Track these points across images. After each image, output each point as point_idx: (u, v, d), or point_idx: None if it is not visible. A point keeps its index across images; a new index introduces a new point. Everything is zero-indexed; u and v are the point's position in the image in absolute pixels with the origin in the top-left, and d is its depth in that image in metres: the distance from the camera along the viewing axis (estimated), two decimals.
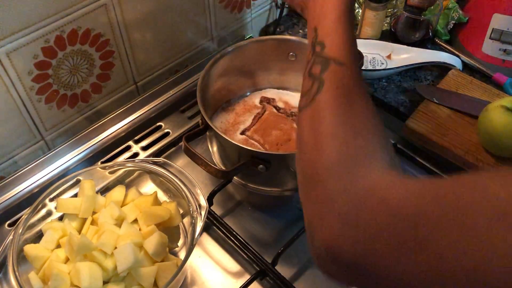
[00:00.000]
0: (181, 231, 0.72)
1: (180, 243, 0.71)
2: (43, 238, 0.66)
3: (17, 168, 0.78)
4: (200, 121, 0.73)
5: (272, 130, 0.82)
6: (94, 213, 0.69)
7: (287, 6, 1.08)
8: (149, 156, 0.84)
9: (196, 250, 0.74)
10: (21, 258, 0.65)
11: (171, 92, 0.90)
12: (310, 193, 0.41)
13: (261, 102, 0.87)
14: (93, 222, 0.68)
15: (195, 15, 0.89)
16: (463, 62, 0.97)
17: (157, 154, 0.83)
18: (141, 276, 0.62)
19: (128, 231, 0.64)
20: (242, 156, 0.70)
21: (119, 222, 0.67)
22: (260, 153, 0.68)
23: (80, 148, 0.82)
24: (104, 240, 0.62)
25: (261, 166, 0.67)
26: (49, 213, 0.71)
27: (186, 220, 0.71)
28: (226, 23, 0.97)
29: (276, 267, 0.70)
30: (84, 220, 0.69)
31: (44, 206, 0.70)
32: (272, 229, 0.77)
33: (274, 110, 0.86)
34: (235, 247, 0.73)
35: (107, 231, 0.63)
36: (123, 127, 0.86)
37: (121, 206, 0.70)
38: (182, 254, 0.71)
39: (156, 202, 0.70)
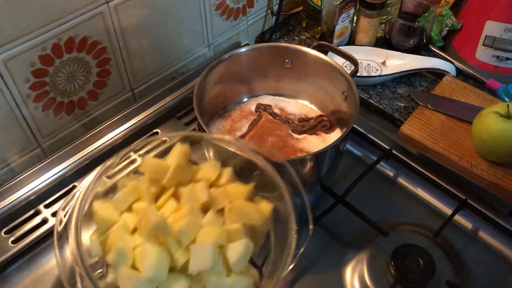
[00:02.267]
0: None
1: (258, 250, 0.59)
2: (115, 197, 0.57)
3: (14, 175, 0.78)
4: (197, 127, 0.73)
5: (268, 137, 0.82)
6: (178, 184, 0.58)
7: (283, 12, 1.09)
8: None
9: None
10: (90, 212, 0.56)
11: (167, 99, 0.91)
12: None
13: (257, 108, 0.88)
14: (175, 195, 0.57)
15: (191, 22, 0.89)
16: (457, 68, 0.98)
17: None
18: (213, 284, 0.52)
19: (212, 226, 0.53)
20: (238, 162, 0.70)
21: (204, 207, 0.56)
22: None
23: (77, 155, 0.82)
24: (184, 228, 0.52)
25: (257, 172, 0.68)
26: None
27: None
28: (222, 30, 0.97)
29: None
30: (164, 189, 0.58)
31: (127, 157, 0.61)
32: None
33: (270, 116, 0.86)
34: None
35: (189, 218, 0.52)
36: (119, 134, 0.86)
37: (211, 186, 0.59)
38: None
39: (251, 196, 0.58)
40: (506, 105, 0.76)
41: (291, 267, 0.52)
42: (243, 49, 0.82)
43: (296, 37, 1.08)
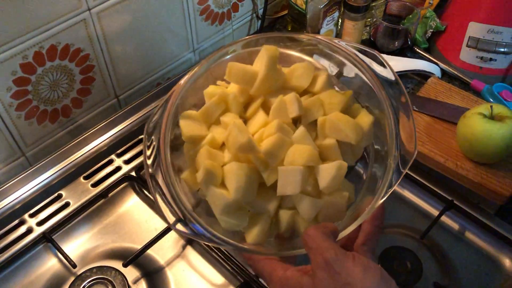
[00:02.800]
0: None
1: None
2: (202, 110, 0.53)
3: None
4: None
5: None
6: (267, 93, 0.52)
7: (268, 16, 1.09)
8: (131, 169, 0.84)
9: (180, 263, 0.73)
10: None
11: (153, 104, 0.90)
12: None
13: None
14: (264, 105, 0.52)
15: (176, 27, 0.89)
16: (442, 69, 0.99)
17: (140, 167, 0.83)
18: (302, 205, 0.48)
19: (303, 143, 0.48)
20: None
21: (294, 119, 0.50)
22: None
23: (62, 163, 0.81)
24: (271, 149, 0.47)
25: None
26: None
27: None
28: (207, 35, 0.97)
29: (260, 279, 0.70)
30: (252, 99, 0.53)
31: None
32: None
33: None
34: (219, 259, 0.73)
35: (277, 137, 0.47)
36: (105, 141, 0.86)
37: (304, 94, 0.52)
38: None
39: (348, 106, 0.52)
40: (489, 106, 0.77)
41: (389, 192, 0.47)
42: (227, 56, 0.81)
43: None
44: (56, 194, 0.79)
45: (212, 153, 0.50)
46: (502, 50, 0.93)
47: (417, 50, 1.03)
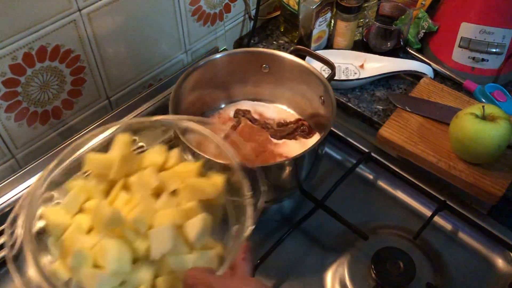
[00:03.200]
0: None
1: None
2: (65, 200, 0.55)
3: None
4: (173, 135, 0.72)
5: (247, 142, 0.82)
6: (127, 175, 0.57)
7: (260, 17, 1.09)
8: None
9: None
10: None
11: (144, 106, 0.90)
12: None
13: (235, 114, 0.87)
14: (125, 186, 0.56)
15: (168, 28, 0.89)
16: (434, 70, 0.99)
17: None
18: (178, 264, 0.51)
19: (167, 207, 0.53)
20: (216, 169, 0.69)
21: (156, 192, 0.55)
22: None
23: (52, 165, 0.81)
24: (138, 216, 0.51)
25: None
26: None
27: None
28: (200, 35, 0.97)
29: None
30: (114, 183, 0.57)
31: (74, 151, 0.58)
32: (249, 241, 0.77)
33: (249, 122, 0.86)
34: None
35: (142, 205, 0.52)
36: (97, 143, 0.85)
37: (160, 171, 0.58)
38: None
39: (202, 172, 0.58)
40: (481, 106, 0.77)
41: (251, 229, 0.51)
42: (219, 55, 0.81)
43: (274, 42, 1.08)
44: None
45: (80, 239, 0.52)
46: (494, 50, 0.93)
47: (410, 50, 1.03)
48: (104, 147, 0.60)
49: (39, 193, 0.54)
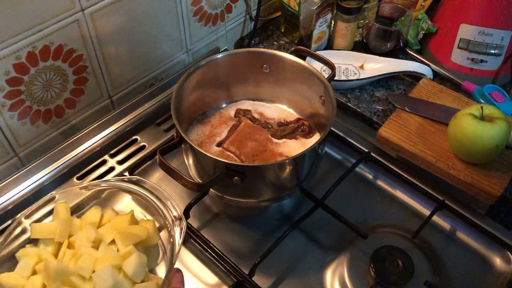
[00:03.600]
0: (160, 248, 0.71)
1: (159, 259, 0.71)
2: (18, 266, 0.64)
3: None
4: (175, 134, 0.73)
5: (248, 142, 0.83)
6: (70, 236, 0.68)
7: (261, 18, 1.10)
8: (125, 170, 0.84)
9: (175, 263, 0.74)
10: None
11: (146, 105, 0.91)
12: None
13: (236, 114, 0.88)
14: (69, 246, 0.67)
15: (169, 28, 0.89)
16: (433, 71, 1.00)
17: (133, 168, 0.83)
18: None
19: (106, 253, 0.63)
20: (217, 168, 0.70)
21: (96, 244, 0.66)
22: (234, 165, 0.68)
23: (55, 163, 0.82)
24: (81, 264, 0.61)
25: (236, 178, 0.68)
26: (23, 233, 0.69)
27: (164, 236, 0.70)
28: (201, 36, 0.98)
29: (253, 278, 0.70)
30: (60, 244, 0.67)
31: (19, 224, 0.68)
32: (249, 240, 0.77)
33: (250, 121, 0.86)
34: (212, 259, 0.73)
35: (84, 255, 0.62)
36: (98, 142, 0.86)
37: (98, 227, 0.69)
38: (161, 270, 0.70)
39: (133, 221, 0.70)
40: (480, 107, 0.77)
41: (176, 258, 0.62)
42: (220, 55, 0.82)
43: (275, 42, 1.09)
44: (49, 195, 0.79)
45: None
46: (493, 51, 0.94)
47: (409, 51, 1.04)
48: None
49: None
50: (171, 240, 0.65)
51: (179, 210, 0.68)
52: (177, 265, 0.73)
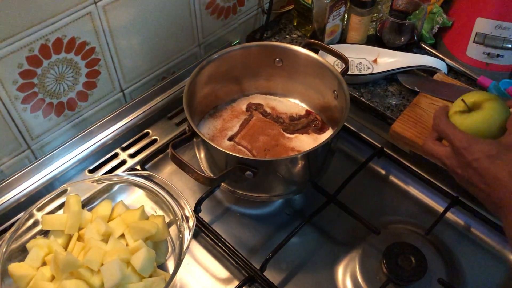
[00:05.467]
0: (169, 244, 0.72)
1: (168, 254, 0.71)
2: (28, 256, 0.65)
3: (4, 177, 0.77)
4: (187, 128, 0.73)
5: (260, 136, 0.82)
6: (80, 229, 0.69)
7: (274, 11, 1.09)
8: (136, 163, 0.84)
9: (186, 257, 0.73)
10: (7, 275, 0.64)
11: (158, 98, 0.90)
12: None
13: (248, 108, 0.88)
14: (79, 238, 0.68)
15: (182, 21, 0.89)
16: (448, 65, 0.98)
17: (145, 161, 0.83)
18: None
19: (115, 247, 0.64)
20: (229, 162, 0.70)
21: (105, 238, 0.66)
22: (246, 160, 0.68)
23: (66, 156, 0.82)
24: (90, 257, 0.61)
25: (248, 172, 0.68)
26: (35, 225, 0.70)
27: (174, 232, 0.70)
28: (213, 29, 0.97)
29: (264, 273, 0.70)
30: (70, 237, 0.68)
31: (31, 217, 0.69)
32: (261, 234, 0.77)
33: (261, 116, 0.86)
34: (224, 253, 0.73)
35: (93, 248, 0.63)
36: (110, 135, 0.86)
37: (108, 221, 0.70)
38: (170, 265, 0.71)
39: (143, 216, 0.70)
40: (461, 100, 0.68)
41: (185, 254, 0.64)
42: (233, 48, 0.81)
43: (287, 36, 1.08)
44: (61, 188, 0.79)
45: (44, 285, 0.62)
46: (510, 46, 0.92)
47: (424, 46, 1.02)
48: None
49: (3, 252, 0.64)
50: (180, 236, 0.65)
51: (189, 207, 0.69)
52: (188, 259, 0.74)
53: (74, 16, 0.72)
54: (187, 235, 0.65)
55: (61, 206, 0.72)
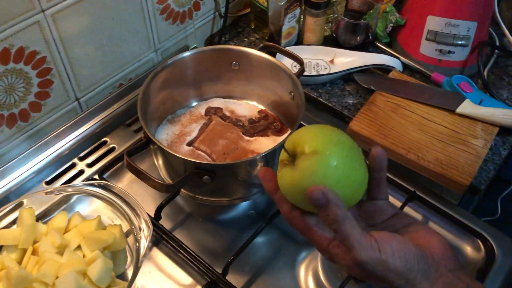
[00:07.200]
0: (128, 253, 0.71)
1: (128, 263, 0.70)
2: None
3: None
4: (143, 134, 0.72)
5: (219, 140, 0.82)
6: (35, 242, 0.67)
7: (231, 14, 1.09)
8: (94, 173, 0.82)
9: (147, 265, 0.73)
10: None
11: (115, 106, 0.89)
12: None
13: (207, 112, 0.87)
14: (34, 252, 0.66)
15: (136, 27, 0.88)
16: (403, 63, 1.00)
17: (103, 170, 0.82)
18: None
19: (71, 259, 0.63)
20: (187, 168, 0.69)
21: (61, 250, 0.65)
22: (203, 164, 0.68)
23: (21, 168, 0.80)
24: (44, 270, 0.60)
25: (205, 177, 0.67)
26: None
27: (132, 241, 0.69)
28: (169, 34, 0.96)
29: (227, 277, 0.70)
30: (24, 251, 0.67)
31: None
32: (223, 239, 0.77)
33: (220, 119, 0.86)
34: (186, 259, 0.72)
35: (48, 261, 0.61)
36: (66, 145, 0.84)
37: (64, 233, 0.68)
38: (130, 275, 0.69)
39: (100, 226, 0.69)
40: (283, 149, 0.49)
41: (142, 263, 0.64)
42: (186, 54, 0.81)
43: (245, 39, 1.08)
44: (17, 201, 0.77)
45: None
46: (460, 42, 0.95)
47: (379, 44, 1.04)
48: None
49: None
50: (137, 244, 0.65)
51: (146, 215, 0.68)
52: (150, 267, 0.73)
53: (21, 25, 0.70)
54: (145, 243, 0.65)
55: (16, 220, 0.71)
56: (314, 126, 0.49)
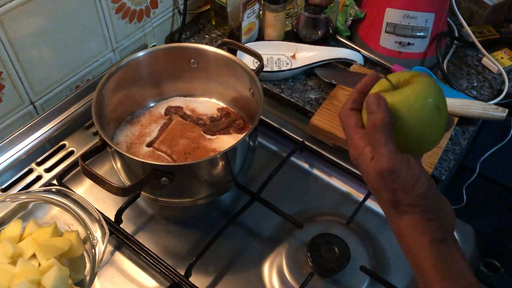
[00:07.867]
0: (87, 259, 0.69)
1: (86, 271, 0.69)
2: None
3: None
4: (99, 137, 0.70)
5: (180, 140, 0.81)
6: None
7: (191, 11, 1.07)
8: (53, 178, 0.80)
9: (110, 270, 0.72)
10: None
11: (72, 108, 0.87)
12: None
13: (167, 111, 0.86)
14: None
15: (91, 27, 0.86)
16: (364, 56, 1.01)
17: (61, 175, 0.79)
18: None
19: (24, 269, 0.61)
20: (146, 170, 0.68)
21: (14, 260, 0.63)
22: (161, 166, 0.67)
23: None
24: None
25: (164, 178, 0.66)
26: None
27: (90, 247, 0.68)
28: (127, 33, 0.94)
29: (190, 278, 0.69)
30: None
31: None
32: (187, 240, 0.76)
33: (181, 119, 0.85)
34: (148, 262, 0.71)
35: (0, 272, 0.60)
36: (23, 150, 0.82)
37: (18, 242, 0.66)
38: None
39: (56, 233, 0.67)
40: (384, 79, 0.54)
41: (99, 268, 0.64)
42: (141, 53, 0.79)
43: (206, 36, 1.07)
44: None
45: None
46: (419, 34, 0.96)
47: (340, 38, 1.04)
48: None
49: None
50: (93, 250, 0.63)
51: (102, 219, 0.67)
52: (112, 271, 0.72)
53: None
54: (101, 247, 0.63)
55: None
56: (409, 71, 0.56)
